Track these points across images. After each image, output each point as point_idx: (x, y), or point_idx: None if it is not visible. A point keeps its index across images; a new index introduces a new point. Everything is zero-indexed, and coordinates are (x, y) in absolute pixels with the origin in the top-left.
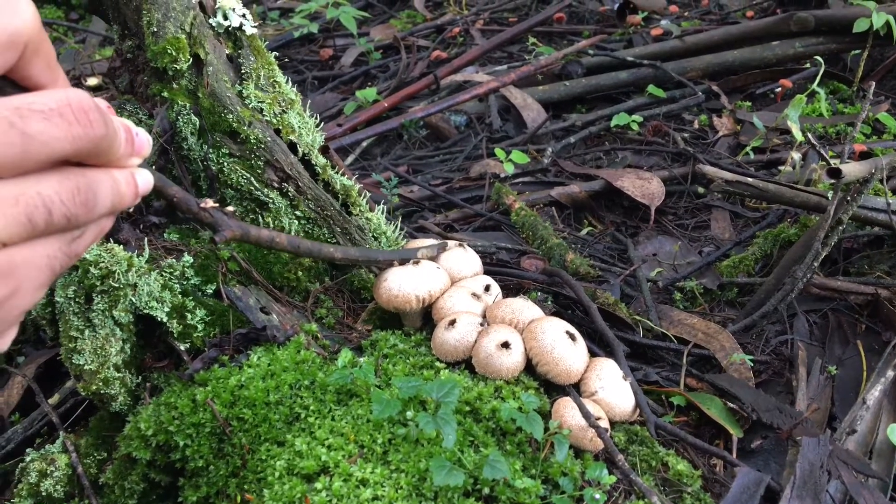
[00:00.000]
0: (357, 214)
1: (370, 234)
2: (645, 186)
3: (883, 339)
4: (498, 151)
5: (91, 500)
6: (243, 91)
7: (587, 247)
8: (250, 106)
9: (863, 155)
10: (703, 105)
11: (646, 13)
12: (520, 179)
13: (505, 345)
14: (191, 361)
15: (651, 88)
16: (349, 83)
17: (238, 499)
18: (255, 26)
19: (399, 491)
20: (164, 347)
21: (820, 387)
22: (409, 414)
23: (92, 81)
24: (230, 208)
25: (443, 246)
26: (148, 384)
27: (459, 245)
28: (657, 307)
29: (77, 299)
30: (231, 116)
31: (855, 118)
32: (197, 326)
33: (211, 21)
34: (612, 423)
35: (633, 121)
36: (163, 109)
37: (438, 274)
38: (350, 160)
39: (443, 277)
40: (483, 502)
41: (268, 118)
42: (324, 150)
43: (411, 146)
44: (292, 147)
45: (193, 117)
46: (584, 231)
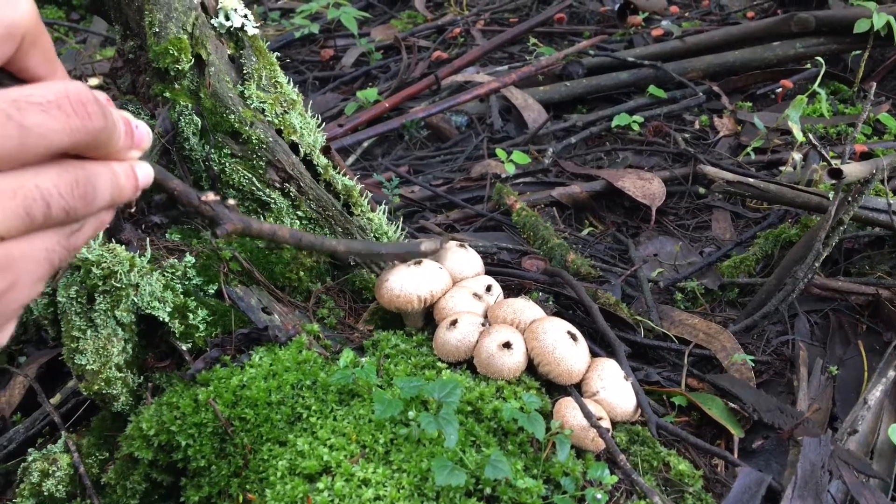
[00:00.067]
0: (358, 215)
1: (371, 235)
2: (646, 187)
3: (884, 340)
4: (499, 152)
5: (93, 500)
6: (245, 91)
7: (588, 247)
8: (252, 106)
9: (864, 155)
10: (704, 105)
11: (646, 14)
12: (521, 180)
13: (506, 345)
14: (193, 361)
15: (652, 89)
16: (350, 83)
17: (240, 499)
18: (257, 27)
19: (401, 491)
20: (166, 347)
21: (821, 387)
22: (411, 414)
23: (93, 82)
24: (231, 201)
25: (445, 238)
26: (150, 384)
27: (461, 245)
28: (658, 307)
29: (79, 299)
30: (233, 117)
31: (856, 119)
32: (199, 326)
33: (213, 21)
34: (614, 424)
35: (634, 121)
36: (165, 110)
37: (440, 274)
38: (351, 160)
39: (444, 277)
40: (485, 502)
41: (269, 118)
42: (325, 151)
43: (412, 146)
44: (294, 147)
45: (195, 118)
46: (585, 231)
